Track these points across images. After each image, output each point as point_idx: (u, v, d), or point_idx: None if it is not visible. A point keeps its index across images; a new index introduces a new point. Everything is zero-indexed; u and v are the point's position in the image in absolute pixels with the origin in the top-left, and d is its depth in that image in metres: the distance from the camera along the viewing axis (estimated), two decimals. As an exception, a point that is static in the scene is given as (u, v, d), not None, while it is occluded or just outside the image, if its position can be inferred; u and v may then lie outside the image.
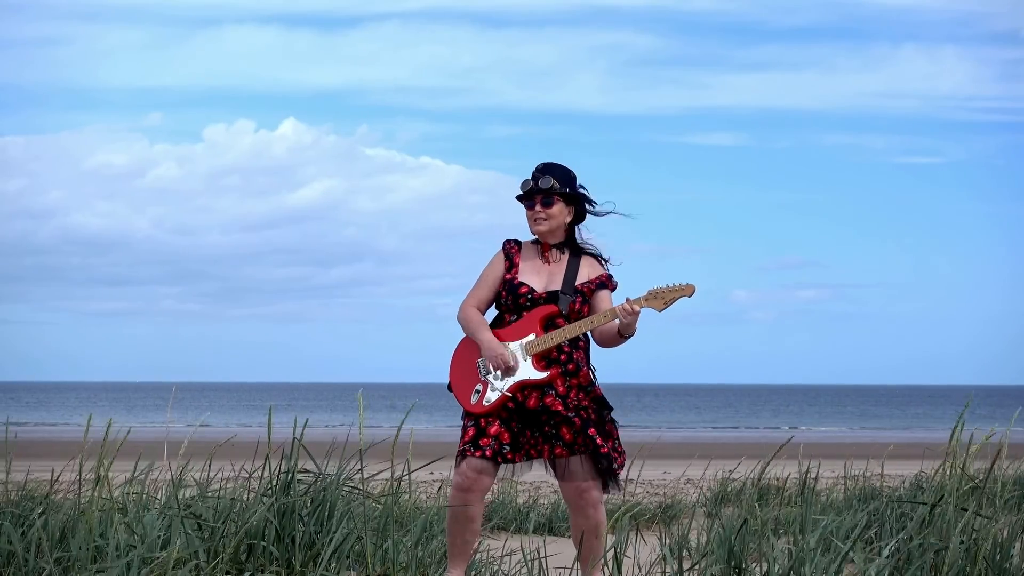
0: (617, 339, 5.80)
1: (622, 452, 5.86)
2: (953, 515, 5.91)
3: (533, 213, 5.92)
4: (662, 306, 5.77)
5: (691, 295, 5.77)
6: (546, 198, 5.90)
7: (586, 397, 5.79)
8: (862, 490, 9.48)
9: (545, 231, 5.92)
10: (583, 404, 5.78)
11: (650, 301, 5.77)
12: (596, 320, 5.76)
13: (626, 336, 5.78)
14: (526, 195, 5.93)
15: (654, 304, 5.77)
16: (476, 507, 5.81)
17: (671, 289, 5.76)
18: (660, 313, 5.79)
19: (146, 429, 30.77)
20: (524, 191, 5.93)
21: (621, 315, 5.71)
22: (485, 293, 5.96)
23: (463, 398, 5.85)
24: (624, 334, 5.78)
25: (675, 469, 14.80)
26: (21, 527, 6.17)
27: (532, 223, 5.94)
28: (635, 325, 5.76)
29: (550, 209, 5.90)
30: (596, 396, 5.82)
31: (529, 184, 5.92)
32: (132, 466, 6.82)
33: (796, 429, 43.73)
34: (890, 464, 10.00)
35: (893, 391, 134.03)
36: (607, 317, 5.76)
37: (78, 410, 61.52)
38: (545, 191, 5.89)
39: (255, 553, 6.07)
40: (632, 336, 5.79)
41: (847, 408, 78.17)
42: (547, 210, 5.90)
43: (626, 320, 5.71)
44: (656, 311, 5.78)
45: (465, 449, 5.77)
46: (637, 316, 5.73)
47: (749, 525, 6.13)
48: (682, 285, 5.76)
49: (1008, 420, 6.78)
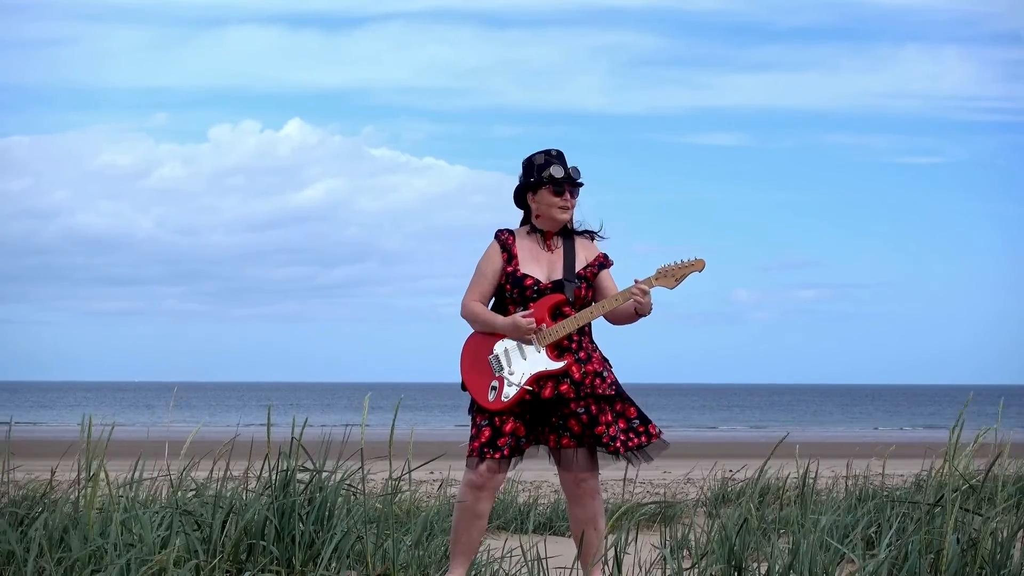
0: (633, 317, 5.77)
1: (647, 426, 5.80)
2: (952, 514, 5.91)
3: (563, 200, 5.83)
4: (673, 283, 5.73)
5: (701, 270, 5.72)
6: (575, 189, 5.88)
7: (603, 383, 5.75)
8: (862, 490, 9.47)
9: (566, 220, 5.87)
10: (599, 391, 5.73)
11: (660, 280, 5.73)
12: (607, 305, 5.72)
13: (642, 315, 5.76)
14: (560, 181, 5.82)
15: (665, 282, 5.73)
16: (486, 504, 5.79)
17: (681, 266, 5.72)
18: (672, 290, 5.74)
19: (147, 429, 30.76)
20: (562, 176, 5.81)
21: (634, 299, 5.69)
22: (486, 287, 5.90)
23: (479, 396, 5.77)
24: (640, 313, 5.74)
25: (675, 469, 14.79)
26: (21, 527, 6.17)
27: (557, 210, 5.83)
28: (650, 304, 5.73)
29: (575, 200, 5.88)
30: (612, 381, 5.77)
31: (562, 171, 5.81)
32: (132, 466, 6.81)
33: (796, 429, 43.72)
34: (890, 464, 9.99)
35: (893, 391, 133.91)
36: (617, 301, 5.72)
37: (80, 410, 61.47)
38: (579, 184, 5.86)
39: (255, 552, 6.07)
40: (649, 314, 5.75)
41: (847, 408, 78.09)
42: (574, 201, 5.87)
43: (644, 302, 5.69)
44: (668, 289, 5.73)
45: (483, 450, 5.72)
46: (648, 296, 5.71)
47: (749, 524, 6.13)
48: (692, 261, 5.72)
49: (1008, 420, 6.78)
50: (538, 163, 5.85)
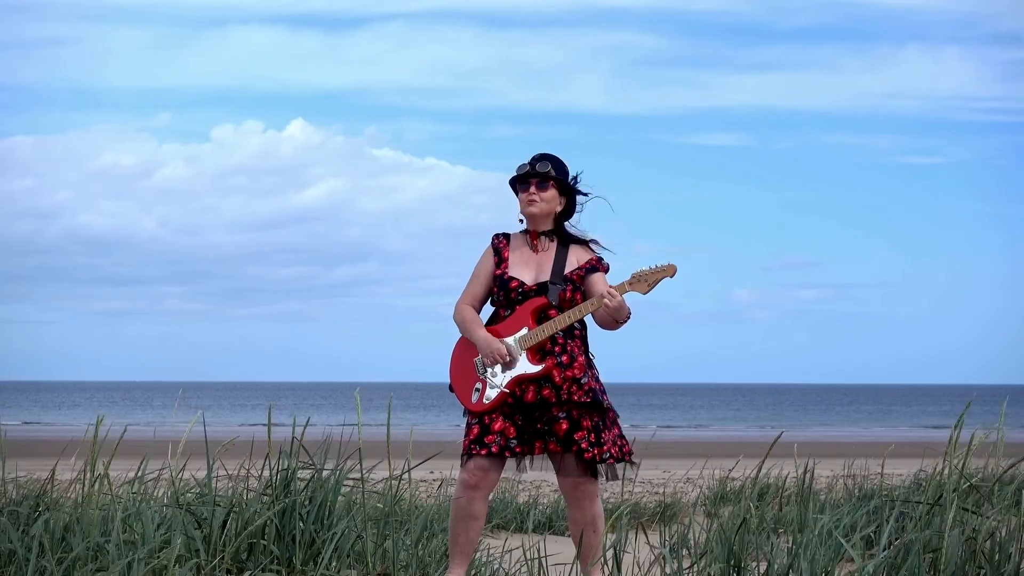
0: (613, 324, 5.78)
1: (623, 443, 5.84)
2: (951, 513, 5.92)
3: (527, 195, 5.91)
4: (646, 289, 5.75)
5: (673, 276, 5.74)
6: (541, 181, 5.91)
7: (579, 390, 5.77)
8: (861, 489, 9.49)
9: (536, 213, 5.90)
10: (575, 398, 5.76)
11: (634, 285, 5.75)
12: (584, 309, 5.74)
13: (620, 321, 5.77)
14: (521, 177, 5.93)
15: (638, 287, 5.75)
16: (481, 505, 5.81)
17: (653, 271, 5.74)
18: (645, 296, 5.77)
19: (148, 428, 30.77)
20: (520, 173, 5.92)
21: (607, 301, 5.71)
22: (479, 290, 5.96)
23: (463, 397, 5.85)
24: (616, 319, 5.76)
25: (675, 469, 14.81)
26: (22, 526, 6.18)
27: (524, 205, 5.92)
28: (626, 308, 5.74)
29: (544, 192, 5.90)
30: (589, 388, 5.79)
31: (525, 167, 5.92)
32: (134, 465, 6.83)
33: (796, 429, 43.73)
34: (890, 464, 10.00)
35: (893, 391, 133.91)
36: (594, 305, 5.74)
37: (82, 410, 61.52)
38: (542, 175, 5.90)
39: (256, 552, 6.08)
40: (627, 319, 5.77)
41: (847, 408, 78.09)
42: (541, 193, 5.90)
43: (612, 306, 5.70)
44: (641, 294, 5.76)
45: (471, 447, 5.77)
46: (622, 301, 5.72)
47: (748, 524, 6.14)
48: (663, 266, 5.74)
49: (1009, 420, 6.79)
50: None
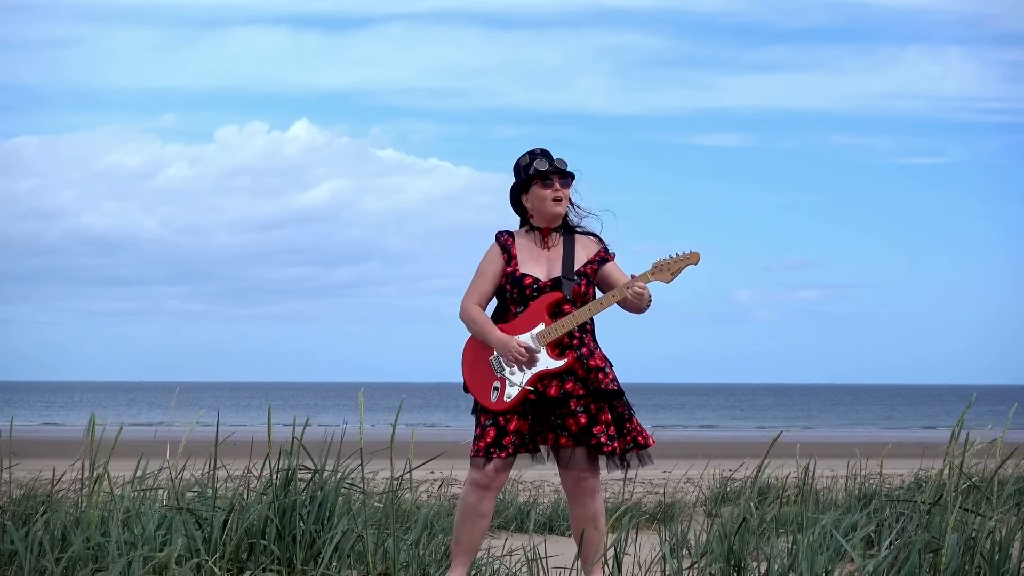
0: (637, 310, 5.76)
1: (641, 430, 5.81)
2: (951, 514, 5.92)
3: (552, 191, 5.82)
4: (669, 278, 5.70)
5: (697, 263, 5.68)
6: (565, 178, 5.88)
7: (605, 378, 5.74)
8: (861, 489, 9.49)
9: (562, 212, 5.85)
10: (602, 387, 5.71)
11: (656, 275, 5.70)
12: (606, 300, 5.71)
13: (643, 308, 5.75)
14: (546, 173, 5.82)
15: (661, 277, 5.70)
16: (490, 504, 5.80)
17: (676, 260, 5.69)
18: (668, 285, 5.71)
19: (149, 428, 30.78)
20: (545, 168, 5.81)
21: (630, 295, 5.68)
22: (486, 288, 5.90)
23: (482, 397, 5.77)
24: (640, 306, 5.74)
25: (675, 469, 14.79)
26: (23, 526, 6.19)
27: (548, 203, 5.83)
28: (648, 296, 5.72)
29: (567, 191, 5.88)
30: (614, 378, 5.76)
31: (545, 163, 5.81)
32: (134, 465, 6.83)
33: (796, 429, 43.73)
34: (890, 464, 10.01)
35: (893, 391, 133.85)
36: (615, 297, 5.71)
37: (84, 410, 61.50)
38: (568, 173, 5.86)
39: (256, 551, 6.09)
40: (649, 305, 5.73)
41: (847, 408, 78.07)
42: (566, 191, 5.87)
43: (636, 299, 5.69)
44: (664, 283, 5.71)
45: (490, 450, 5.72)
46: (646, 291, 5.70)
47: (749, 524, 6.14)
48: (687, 254, 5.69)
49: (1009, 420, 6.79)
50: (523, 164, 5.89)
